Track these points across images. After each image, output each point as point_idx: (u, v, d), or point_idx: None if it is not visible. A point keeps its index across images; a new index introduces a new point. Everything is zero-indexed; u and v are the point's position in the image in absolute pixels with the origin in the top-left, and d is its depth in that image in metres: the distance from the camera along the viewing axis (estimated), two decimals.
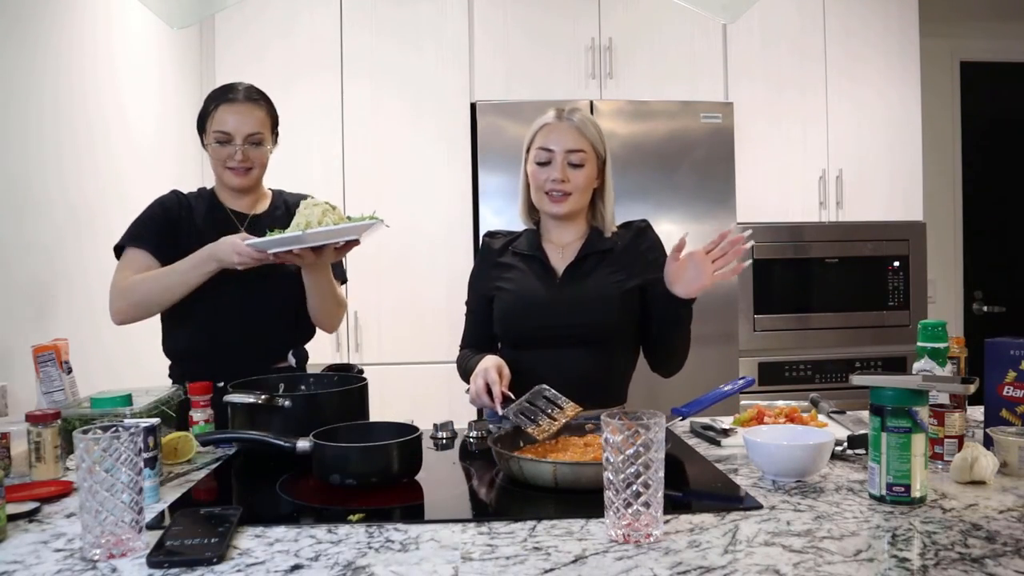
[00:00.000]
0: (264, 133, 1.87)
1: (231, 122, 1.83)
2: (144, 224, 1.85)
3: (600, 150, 1.76)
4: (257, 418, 1.45)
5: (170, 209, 1.87)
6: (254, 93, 1.89)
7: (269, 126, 1.90)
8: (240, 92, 1.87)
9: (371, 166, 3.25)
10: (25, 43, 1.98)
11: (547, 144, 1.72)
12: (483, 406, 1.61)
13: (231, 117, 1.83)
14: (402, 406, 2.36)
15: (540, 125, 1.76)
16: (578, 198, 1.74)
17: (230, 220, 1.90)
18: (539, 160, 1.73)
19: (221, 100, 1.85)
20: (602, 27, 3.33)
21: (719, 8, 2.37)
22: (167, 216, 1.86)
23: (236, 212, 1.92)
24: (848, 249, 3.39)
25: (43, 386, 1.64)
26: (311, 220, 1.63)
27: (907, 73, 3.47)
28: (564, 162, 1.71)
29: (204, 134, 1.88)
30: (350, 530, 1.08)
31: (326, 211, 1.65)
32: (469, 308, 1.88)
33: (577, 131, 1.72)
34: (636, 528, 1.02)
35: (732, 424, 1.63)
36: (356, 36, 3.26)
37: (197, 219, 1.88)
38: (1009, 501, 1.15)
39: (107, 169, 2.39)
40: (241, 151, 1.83)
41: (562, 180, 1.70)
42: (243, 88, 1.88)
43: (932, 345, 1.36)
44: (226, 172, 1.86)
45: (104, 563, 0.98)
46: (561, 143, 1.71)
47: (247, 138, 1.84)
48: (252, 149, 1.85)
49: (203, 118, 1.88)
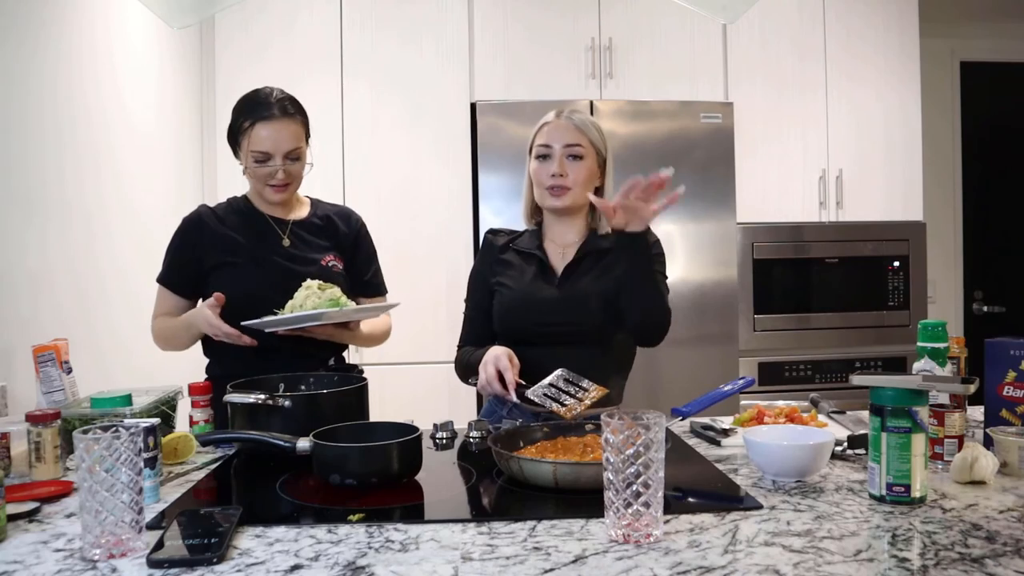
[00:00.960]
0: (302, 147, 1.84)
1: (269, 141, 1.77)
2: (167, 262, 1.88)
3: (601, 148, 1.78)
4: (257, 418, 1.45)
5: (187, 238, 1.85)
6: (289, 106, 1.82)
7: (305, 137, 1.86)
8: (275, 107, 1.79)
9: (371, 166, 3.25)
10: (25, 43, 1.98)
11: (547, 141, 1.76)
12: (494, 393, 1.60)
13: (268, 135, 1.77)
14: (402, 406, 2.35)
15: (541, 124, 1.79)
16: (578, 192, 1.75)
17: (270, 227, 1.88)
18: (539, 155, 1.76)
19: (256, 117, 1.78)
20: (602, 27, 3.33)
21: (719, 8, 2.37)
22: (184, 248, 1.86)
23: (275, 219, 1.89)
24: (848, 249, 3.39)
25: (43, 386, 1.64)
26: (294, 303, 1.70)
27: (907, 73, 3.48)
28: (563, 156, 1.74)
29: (238, 149, 1.83)
30: (350, 530, 1.08)
31: (311, 294, 1.69)
32: (469, 306, 1.87)
33: (576, 128, 1.75)
34: (636, 528, 1.02)
35: (732, 424, 1.63)
36: (356, 36, 3.26)
37: (232, 231, 1.85)
38: (1009, 501, 1.15)
39: (107, 169, 2.39)
40: (283, 170, 1.80)
41: (561, 174, 1.73)
42: (277, 102, 1.80)
43: (932, 345, 1.36)
44: (267, 189, 1.83)
45: (104, 563, 0.97)
46: (560, 139, 1.74)
47: (287, 155, 1.80)
48: (292, 164, 1.82)
49: (235, 132, 1.82)
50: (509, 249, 1.84)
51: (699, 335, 3.20)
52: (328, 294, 1.71)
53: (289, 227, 1.89)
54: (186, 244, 1.85)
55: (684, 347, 3.12)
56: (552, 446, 1.39)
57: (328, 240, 1.93)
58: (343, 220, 1.98)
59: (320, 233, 1.92)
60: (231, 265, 1.82)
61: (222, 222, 1.86)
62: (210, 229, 1.85)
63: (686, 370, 3.16)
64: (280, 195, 1.85)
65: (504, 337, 1.78)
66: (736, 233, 3.28)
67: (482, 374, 1.61)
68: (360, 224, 2.01)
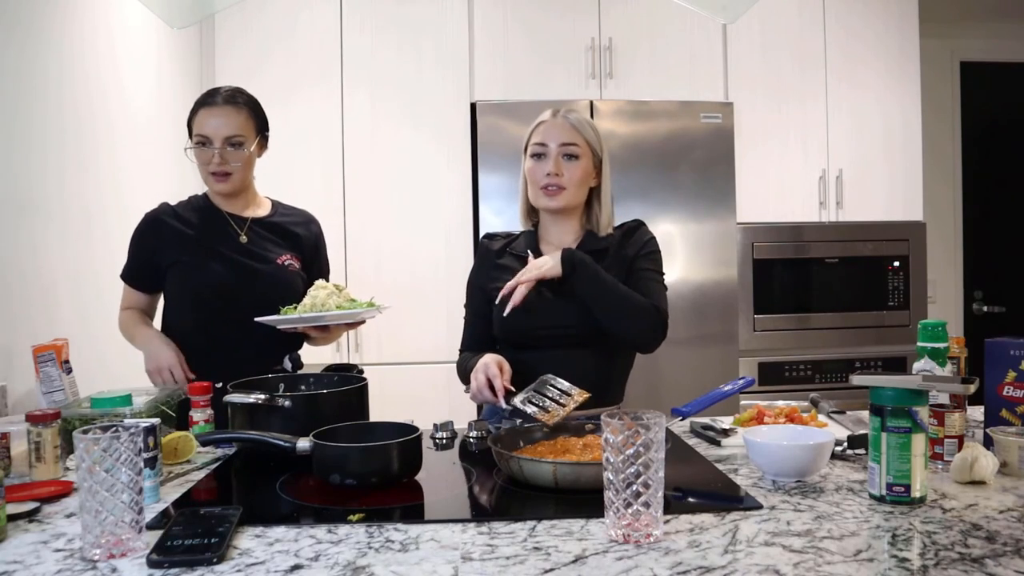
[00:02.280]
0: (245, 135, 1.85)
1: (209, 125, 1.82)
2: (128, 259, 1.94)
3: (596, 148, 1.77)
4: (257, 418, 1.45)
5: (144, 238, 1.91)
6: (236, 96, 1.87)
7: (252, 128, 1.88)
8: (220, 95, 1.85)
9: (371, 166, 3.25)
10: (26, 43, 1.98)
11: (542, 139, 1.75)
12: (485, 401, 1.61)
13: (209, 120, 1.83)
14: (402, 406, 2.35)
15: (537, 123, 1.79)
16: (573, 192, 1.74)
17: (228, 224, 1.90)
18: (534, 153, 1.76)
19: (202, 103, 1.85)
20: (602, 27, 3.33)
21: (719, 8, 2.37)
22: (142, 246, 1.91)
23: (233, 216, 1.92)
24: (848, 249, 3.39)
25: (43, 386, 1.64)
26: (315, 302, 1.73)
27: (907, 73, 3.47)
28: (558, 155, 1.73)
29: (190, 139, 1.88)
30: (350, 530, 1.08)
31: (331, 293, 1.74)
32: (468, 311, 1.88)
33: (572, 127, 1.74)
34: (636, 528, 1.02)
35: (732, 424, 1.63)
36: (356, 36, 3.26)
37: (189, 228, 1.89)
38: (1009, 501, 1.15)
39: (106, 169, 2.39)
40: (219, 154, 1.82)
41: (556, 173, 1.72)
42: (225, 91, 1.87)
43: (932, 345, 1.36)
44: (210, 178, 1.87)
45: (104, 563, 0.97)
46: (556, 137, 1.73)
47: (225, 140, 1.82)
48: (231, 152, 1.83)
49: (189, 124, 1.88)
50: (506, 254, 1.84)
51: (699, 335, 3.20)
52: (345, 294, 1.77)
53: (248, 224, 1.92)
54: (144, 243, 1.91)
55: (684, 347, 3.12)
56: (552, 446, 1.39)
57: (287, 240, 1.96)
58: (304, 224, 2.03)
59: (278, 232, 1.95)
60: (187, 263, 1.86)
61: (180, 219, 1.90)
62: (168, 227, 1.89)
63: (686, 370, 3.16)
64: (222, 184, 1.86)
65: (504, 342, 1.78)
66: (736, 233, 3.28)
67: (473, 383, 1.62)
68: (319, 230, 2.06)
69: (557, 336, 1.70)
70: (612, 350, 1.75)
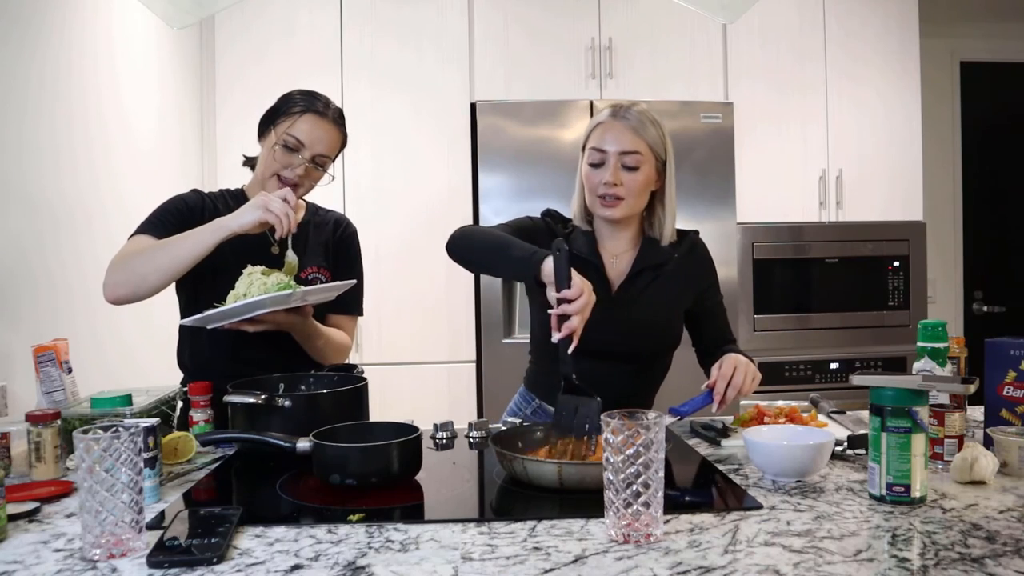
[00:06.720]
0: (330, 159, 1.78)
1: (311, 134, 1.72)
2: (162, 215, 1.70)
3: (659, 151, 1.64)
4: (257, 418, 1.45)
5: (192, 206, 1.74)
6: (342, 117, 1.79)
7: (337, 152, 1.81)
8: (331, 110, 1.76)
9: (371, 166, 3.25)
10: (25, 43, 1.98)
11: (600, 144, 1.61)
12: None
13: (314, 130, 1.72)
14: (402, 406, 2.36)
15: (595, 124, 1.65)
16: (632, 203, 1.63)
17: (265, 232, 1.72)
18: (592, 161, 1.63)
19: (308, 108, 1.73)
20: (602, 27, 3.33)
21: (719, 8, 2.37)
22: (188, 209, 1.72)
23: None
24: (848, 249, 3.39)
25: (43, 386, 1.63)
26: (237, 293, 1.55)
27: (907, 73, 3.48)
28: (617, 164, 1.60)
29: (271, 129, 1.74)
30: (350, 530, 1.08)
31: (253, 282, 1.55)
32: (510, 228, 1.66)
33: (632, 131, 1.60)
34: (636, 528, 1.02)
35: (732, 424, 1.63)
36: (356, 36, 3.26)
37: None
38: (1009, 501, 1.15)
39: (106, 169, 2.39)
40: (304, 167, 1.73)
41: (614, 184, 1.59)
42: (334, 107, 1.78)
43: (932, 345, 1.36)
44: (270, 180, 1.73)
45: (104, 563, 0.97)
46: (615, 144, 1.60)
47: (316, 156, 1.74)
48: (313, 169, 1.75)
49: (278, 113, 1.75)
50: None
51: None
52: (274, 279, 1.57)
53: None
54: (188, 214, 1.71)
55: (684, 347, 3.11)
56: (551, 447, 1.39)
57: (317, 249, 1.84)
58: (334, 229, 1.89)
59: (310, 241, 1.83)
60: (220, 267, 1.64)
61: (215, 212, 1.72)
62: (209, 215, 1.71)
63: (686, 370, 3.15)
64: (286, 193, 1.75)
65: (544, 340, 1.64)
66: (736, 233, 3.28)
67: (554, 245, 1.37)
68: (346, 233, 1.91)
69: (602, 352, 1.59)
70: (651, 367, 1.73)
